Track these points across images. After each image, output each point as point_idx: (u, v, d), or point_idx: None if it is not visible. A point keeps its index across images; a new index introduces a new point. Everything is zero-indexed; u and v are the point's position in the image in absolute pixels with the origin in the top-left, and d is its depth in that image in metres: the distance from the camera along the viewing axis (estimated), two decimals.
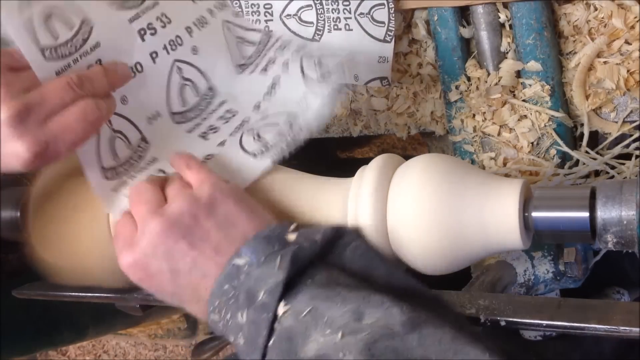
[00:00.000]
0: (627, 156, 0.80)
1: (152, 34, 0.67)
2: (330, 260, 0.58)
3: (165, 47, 0.69)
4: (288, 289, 0.54)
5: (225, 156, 0.70)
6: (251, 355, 0.54)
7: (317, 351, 0.50)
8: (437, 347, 0.48)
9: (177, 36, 0.69)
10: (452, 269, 0.66)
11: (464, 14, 0.82)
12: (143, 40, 0.67)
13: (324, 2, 0.85)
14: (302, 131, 0.69)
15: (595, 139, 0.83)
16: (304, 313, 0.52)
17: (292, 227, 0.59)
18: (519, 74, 0.80)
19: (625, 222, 0.56)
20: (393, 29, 0.82)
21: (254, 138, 0.70)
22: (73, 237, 0.74)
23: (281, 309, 0.53)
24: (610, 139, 0.80)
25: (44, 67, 0.60)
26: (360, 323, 0.51)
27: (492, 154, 0.83)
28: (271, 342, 0.53)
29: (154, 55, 0.68)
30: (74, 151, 0.62)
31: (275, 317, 0.53)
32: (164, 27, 0.68)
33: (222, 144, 0.71)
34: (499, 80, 0.80)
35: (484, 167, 0.83)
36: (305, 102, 0.70)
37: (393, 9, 0.81)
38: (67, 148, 0.60)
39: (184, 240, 0.59)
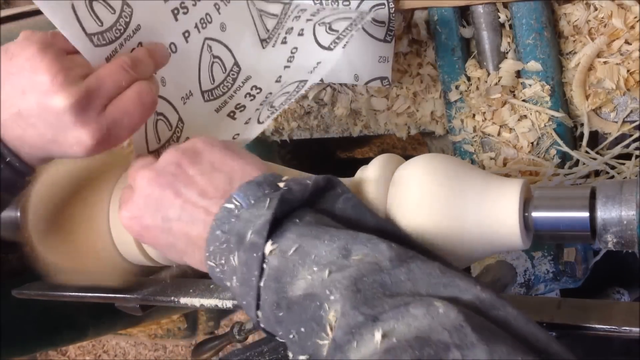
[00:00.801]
0: (627, 156, 0.80)
1: (184, 13, 0.68)
2: (320, 206, 0.57)
3: (196, 26, 0.69)
4: (275, 228, 0.53)
5: (248, 134, 0.70)
6: (246, 297, 0.53)
7: (304, 290, 0.50)
8: (426, 280, 0.48)
9: (207, 14, 0.70)
10: None
11: (464, 14, 0.82)
12: (176, 20, 0.67)
13: (324, 1, 0.85)
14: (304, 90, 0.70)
15: (595, 139, 0.83)
16: (291, 251, 0.52)
17: (271, 175, 0.58)
18: (519, 74, 0.80)
19: (625, 222, 0.56)
20: (393, 29, 0.82)
21: (268, 109, 0.71)
22: (73, 237, 0.74)
23: (268, 248, 0.53)
24: (610, 139, 0.80)
25: (95, 54, 0.60)
26: (348, 260, 0.50)
27: (492, 154, 0.83)
28: (262, 281, 0.52)
29: (186, 34, 0.69)
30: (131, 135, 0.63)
31: (264, 256, 0.53)
32: (194, 5, 0.69)
33: (247, 122, 0.72)
34: (499, 80, 0.80)
35: (484, 167, 0.83)
36: (317, 70, 0.71)
37: (393, 9, 0.81)
38: (127, 132, 0.61)
39: (170, 188, 0.59)
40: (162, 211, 0.59)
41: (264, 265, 0.52)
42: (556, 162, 0.81)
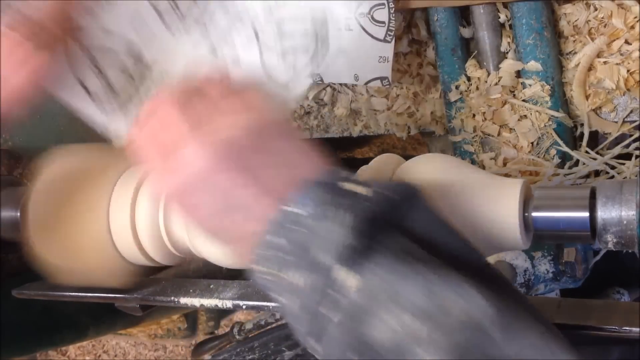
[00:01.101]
0: (627, 156, 0.80)
1: None
2: (396, 220, 0.48)
3: None
4: (355, 253, 0.45)
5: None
6: (308, 325, 0.46)
7: (391, 339, 0.43)
8: (529, 351, 0.42)
9: None
10: None
11: (464, 14, 0.82)
12: None
13: None
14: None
15: (595, 139, 0.83)
16: (375, 288, 0.44)
17: (344, 174, 0.50)
18: (519, 74, 0.80)
19: (625, 222, 0.56)
20: (393, 29, 0.82)
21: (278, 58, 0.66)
22: (73, 237, 0.74)
23: (350, 280, 0.44)
24: (610, 139, 0.80)
25: None
26: (447, 316, 0.43)
27: (492, 154, 0.83)
28: (335, 316, 0.45)
29: None
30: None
31: (341, 287, 0.44)
32: None
33: (236, 61, 0.67)
34: (499, 80, 0.80)
35: (484, 167, 0.83)
36: None
37: (393, 9, 0.81)
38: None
39: (234, 173, 0.50)
40: (218, 198, 0.50)
41: (339, 297, 0.45)
42: (556, 162, 0.81)
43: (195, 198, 0.51)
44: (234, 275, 1.04)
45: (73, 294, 0.81)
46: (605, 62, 0.77)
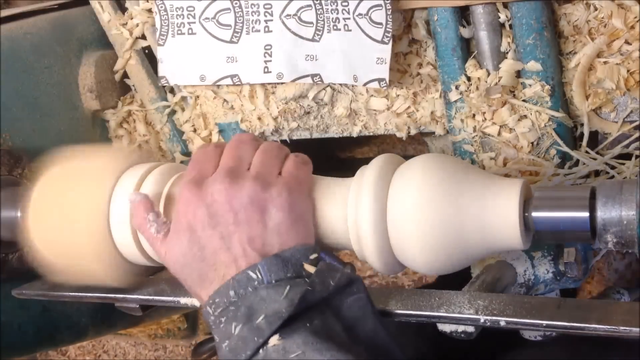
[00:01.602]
0: (627, 156, 0.80)
1: None
2: (331, 301, 0.60)
3: None
4: (285, 323, 0.56)
5: None
6: None
7: None
8: None
9: None
10: (452, 268, 0.66)
11: (464, 14, 0.82)
12: None
13: (323, 2, 0.85)
14: None
15: (595, 139, 0.82)
16: (293, 355, 0.55)
17: (313, 256, 0.61)
18: (519, 74, 0.80)
19: (625, 222, 0.56)
20: (391, 30, 0.82)
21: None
22: (73, 237, 0.74)
23: (273, 340, 0.56)
24: (610, 139, 0.80)
25: None
26: None
27: (492, 154, 0.83)
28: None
29: None
30: None
31: (264, 343, 0.56)
32: None
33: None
34: (499, 80, 0.80)
35: (484, 167, 0.83)
36: None
37: (391, 10, 0.81)
38: None
39: (234, 219, 0.62)
40: (215, 226, 0.62)
41: (261, 351, 0.56)
42: (556, 162, 0.81)
43: (198, 215, 0.63)
44: None
45: (73, 294, 0.82)
46: (605, 62, 0.77)
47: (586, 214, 0.58)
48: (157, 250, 0.67)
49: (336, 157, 1.43)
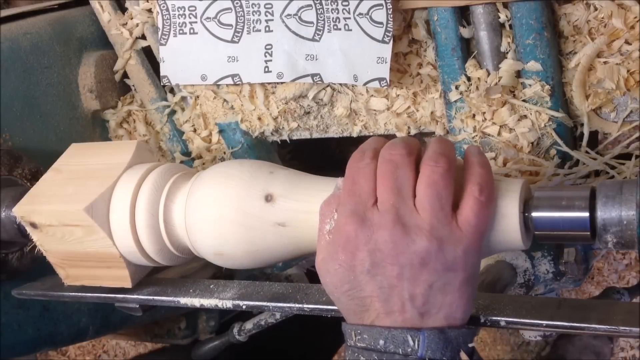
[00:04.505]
0: (627, 156, 0.80)
1: None
2: None
3: None
4: None
5: None
6: None
7: None
8: None
9: None
10: None
11: (464, 14, 0.82)
12: None
13: (323, 2, 0.85)
14: None
15: (595, 139, 0.82)
16: None
17: (471, 343, 0.57)
18: (519, 74, 0.80)
19: (625, 222, 0.56)
20: (391, 29, 0.82)
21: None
22: (73, 236, 0.74)
23: None
24: (610, 139, 0.80)
25: None
26: None
27: (492, 154, 0.83)
28: None
29: None
30: None
31: None
32: None
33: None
34: (499, 80, 0.80)
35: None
36: None
37: (391, 9, 0.81)
38: None
39: (399, 274, 0.56)
40: (377, 274, 0.57)
41: None
42: (556, 162, 0.81)
43: (358, 256, 0.57)
44: (233, 275, 1.05)
45: (73, 294, 0.81)
46: (605, 62, 0.77)
47: (586, 214, 0.58)
48: (317, 251, 0.62)
49: (336, 157, 1.43)
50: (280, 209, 0.66)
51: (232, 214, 0.67)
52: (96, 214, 0.71)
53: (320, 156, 1.29)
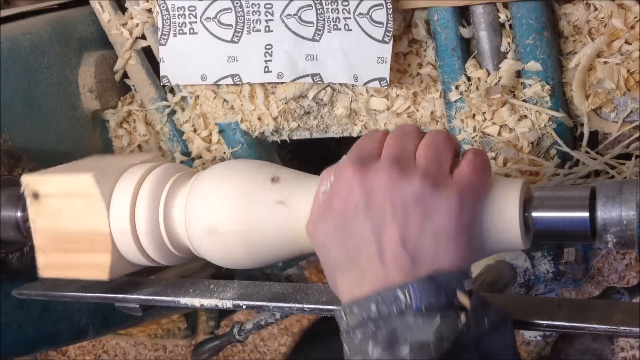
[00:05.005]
0: (627, 156, 0.80)
1: None
2: (479, 342, 0.54)
3: None
4: None
5: None
6: None
7: None
8: None
9: None
10: None
11: (464, 14, 0.82)
12: None
13: (323, 2, 0.85)
14: None
15: (595, 139, 0.82)
16: None
17: (467, 284, 0.55)
18: (519, 74, 0.80)
19: (625, 222, 0.56)
20: (391, 29, 0.82)
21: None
22: (73, 236, 0.74)
23: None
24: (610, 139, 0.80)
25: None
26: None
27: (492, 154, 0.83)
28: None
29: None
30: None
31: None
32: None
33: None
34: (499, 80, 0.80)
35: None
36: None
37: (391, 9, 0.81)
38: None
39: (392, 213, 0.55)
40: (371, 218, 0.56)
41: None
42: (556, 162, 0.81)
43: (352, 199, 0.57)
44: (233, 275, 1.05)
45: (73, 294, 0.81)
46: (605, 62, 0.77)
47: (586, 214, 0.58)
48: (311, 212, 0.61)
49: (336, 157, 1.43)
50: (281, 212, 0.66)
51: (232, 214, 0.67)
52: (102, 185, 0.72)
53: (320, 156, 1.29)
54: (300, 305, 0.70)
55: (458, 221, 0.56)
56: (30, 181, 0.76)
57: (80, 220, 0.73)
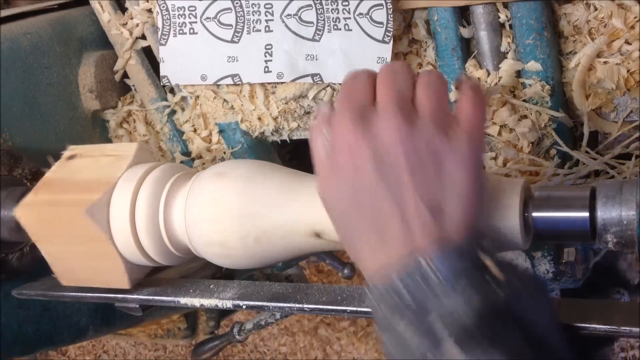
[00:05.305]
0: (627, 156, 0.80)
1: None
2: (517, 313, 0.49)
3: None
4: (471, 338, 0.46)
5: None
6: None
7: None
8: None
9: None
10: None
11: (464, 14, 0.82)
12: None
13: (323, 2, 0.85)
14: None
15: (595, 139, 0.82)
16: None
17: (486, 242, 0.52)
18: (519, 74, 0.80)
19: (625, 222, 0.56)
20: (391, 29, 0.82)
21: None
22: (73, 236, 0.74)
23: (456, 356, 0.45)
24: (610, 139, 0.80)
25: None
26: None
27: (492, 154, 0.83)
28: None
29: None
30: None
31: (436, 348, 0.46)
32: None
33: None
34: (499, 80, 0.80)
35: (484, 167, 0.83)
36: None
37: (391, 9, 0.81)
38: None
39: (407, 167, 0.50)
40: (381, 175, 0.50)
41: (429, 354, 0.47)
42: (556, 162, 0.81)
43: (359, 157, 0.51)
44: (233, 275, 1.05)
45: (73, 294, 0.81)
46: (605, 62, 0.77)
47: (586, 214, 0.58)
48: (317, 175, 0.56)
49: None
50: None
51: (231, 213, 0.67)
52: (98, 218, 0.72)
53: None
54: (300, 305, 0.70)
55: (475, 171, 0.52)
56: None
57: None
